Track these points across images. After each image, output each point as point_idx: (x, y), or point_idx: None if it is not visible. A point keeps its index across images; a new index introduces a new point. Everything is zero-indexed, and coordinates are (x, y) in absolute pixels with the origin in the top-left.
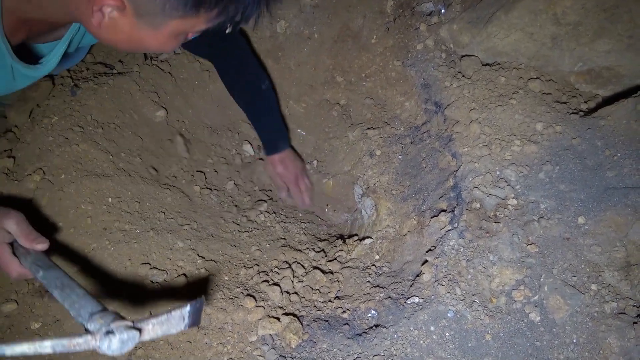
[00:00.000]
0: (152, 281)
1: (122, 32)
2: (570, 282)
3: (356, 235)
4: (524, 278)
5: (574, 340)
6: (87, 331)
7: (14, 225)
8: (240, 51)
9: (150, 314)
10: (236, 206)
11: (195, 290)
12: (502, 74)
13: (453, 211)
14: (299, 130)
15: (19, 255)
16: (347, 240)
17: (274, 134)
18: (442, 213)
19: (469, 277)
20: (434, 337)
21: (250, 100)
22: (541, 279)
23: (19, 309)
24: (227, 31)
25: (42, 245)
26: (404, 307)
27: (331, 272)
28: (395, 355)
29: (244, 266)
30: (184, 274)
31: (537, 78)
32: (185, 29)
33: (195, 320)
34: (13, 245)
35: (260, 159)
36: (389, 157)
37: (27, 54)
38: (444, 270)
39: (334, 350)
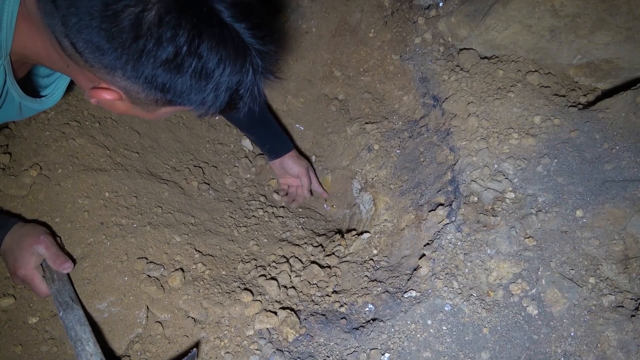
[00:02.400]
0: (148, 275)
1: (119, 109)
2: (568, 275)
3: (354, 229)
4: (521, 271)
5: (572, 334)
6: None
7: (44, 249)
8: None
9: (147, 308)
10: (233, 201)
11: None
12: (500, 67)
13: (451, 205)
14: (297, 126)
15: (46, 278)
16: (345, 234)
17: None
18: (440, 207)
19: (467, 270)
20: (431, 330)
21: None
22: (539, 273)
23: (17, 303)
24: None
25: (67, 269)
26: (401, 301)
27: (329, 267)
28: (392, 349)
29: (242, 261)
30: (181, 269)
31: (535, 71)
32: (178, 110)
33: None
34: (42, 265)
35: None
36: (387, 151)
37: (29, 80)
38: (441, 264)
39: (331, 344)
